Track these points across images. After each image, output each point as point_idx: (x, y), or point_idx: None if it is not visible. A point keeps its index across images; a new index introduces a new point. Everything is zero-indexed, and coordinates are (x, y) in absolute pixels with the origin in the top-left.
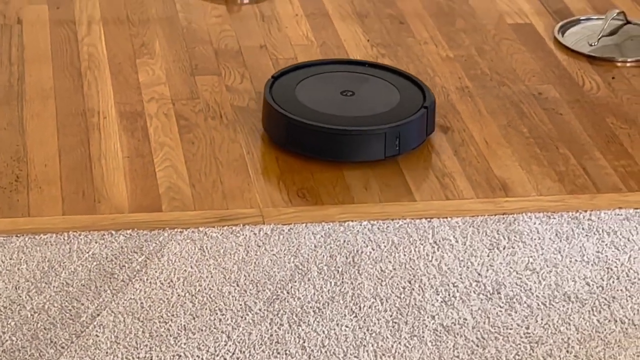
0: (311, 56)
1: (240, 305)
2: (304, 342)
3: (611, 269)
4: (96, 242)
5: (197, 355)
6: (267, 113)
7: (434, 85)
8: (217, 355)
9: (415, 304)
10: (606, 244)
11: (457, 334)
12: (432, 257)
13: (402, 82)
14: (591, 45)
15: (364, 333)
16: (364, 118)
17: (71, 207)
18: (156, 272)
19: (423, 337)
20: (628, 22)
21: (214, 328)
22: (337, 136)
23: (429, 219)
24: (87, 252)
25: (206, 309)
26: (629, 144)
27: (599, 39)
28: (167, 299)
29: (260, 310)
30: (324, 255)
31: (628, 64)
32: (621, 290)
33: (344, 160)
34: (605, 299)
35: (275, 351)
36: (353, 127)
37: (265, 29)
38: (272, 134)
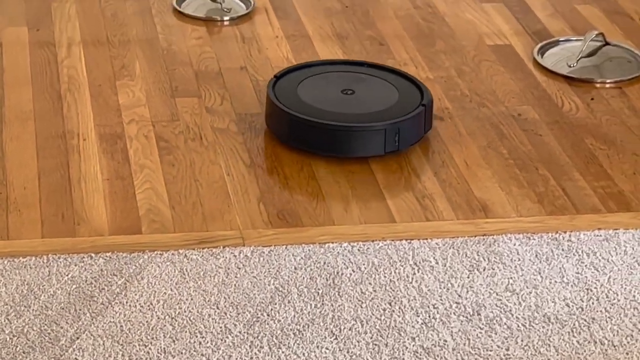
0: None
1: (220, 327)
2: None
3: (591, 290)
4: (75, 265)
5: None
6: (270, 111)
7: None
8: None
9: (396, 326)
10: (586, 265)
11: (438, 355)
12: (413, 278)
13: (401, 82)
14: (570, 66)
15: (344, 355)
16: (364, 115)
17: (50, 230)
18: (136, 294)
19: (403, 359)
20: (607, 44)
21: (194, 351)
22: (338, 132)
23: (409, 241)
24: (67, 275)
25: (186, 331)
26: (608, 165)
27: (578, 60)
28: (147, 321)
29: (240, 332)
30: (304, 277)
31: (607, 85)
32: (601, 311)
33: (345, 155)
34: (585, 320)
35: None
36: (354, 123)
37: (246, 51)
38: (275, 131)
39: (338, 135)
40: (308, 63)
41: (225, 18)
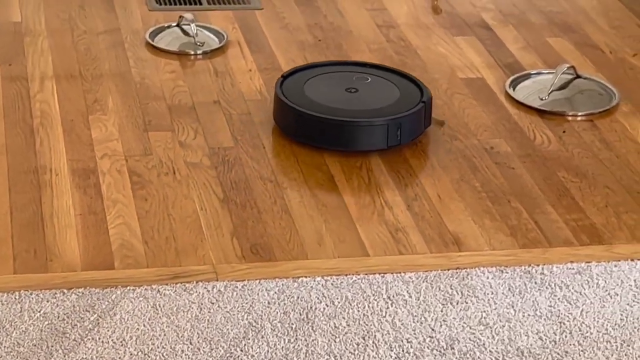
0: (265, 111)
1: None
2: None
3: (564, 323)
4: (48, 301)
5: None
6: (278, 108)
7: None
8: None
9: None
10: (558, 298)
11: None
12: (386, 312)
13: (401, 81)
14: (542, 99)
15: None
16: (368, 111)
17: (22, 265)
18: (108, 330)
19: None
20: (578, 77)
21: None
22: (344, 127)
23: (382, 274)
24: (39, 311)
25: None
26: (580, 198)
27: (550, 93)
28: (120, 358)
29: None
30: (277, 312)
31: (578, 118)
32: (574, 344)
33: (350, 149)
34: (558, 354)
35: None
36: (358, 118)
37: (219, 84)
38: (283, 127)
39: (344, 130)
40: (313, 64)
41: (199, 52)
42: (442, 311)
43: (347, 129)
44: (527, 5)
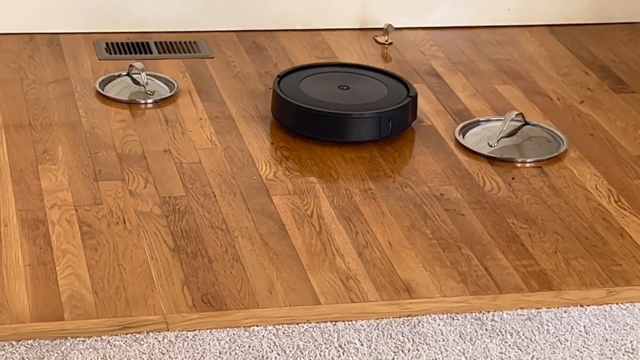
0: (215, 160)
1: None
2: None
3: None
4: None
5: None
6: (278, 104)
7: (338, 187)
8: None
9: None
10: (509, 345)
11: None
12: None
13: (388, 79)
14: (491, 146)
15: None
16: (360, 105)
17: None
18: None
19: None
20: (526, 123)
21: None
22: (339, 119)
23: (334, 322)
24: None
25: None
26: (530, 244)
27: (499, 140)
28: None
29: None
30: None
31: (527, 165)
32: None
33: (345, 140)
34: None
35: None
36: (352, 111)
37: (170, 133)
38: (282, 121)
39: (339, 122)
40: (306, 65)
41: (149, 101)
42: (393, 359)
43: (342, 121)
44: (475, 53)
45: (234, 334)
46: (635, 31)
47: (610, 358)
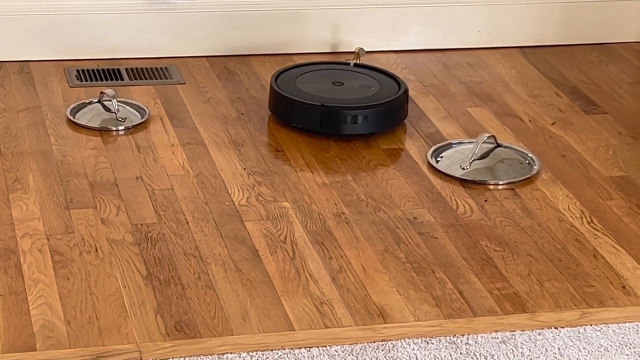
0: (188, 187)
1: None
2: None
3: None
4: None
5: None
6: (275, 99)
7: (311, 212)
8: None
9: None
10: None
11: None
12: None
13: (380, 76)
14: (464, 169)
15: None
16: (353, 100)
17: None
18: None
19: None
20: (499, 146)
21: None
22: (332, 113)
23: (308, 349)
24: None
25: None
26: (504, 267)
27: (471, 162)
28: None
29: None
30: None
31: (500, 187)
32: None
33: (338, 133)
34: None
35: None
36: (345, 105)
37: (142, 160)
38: (279, 115)
39: (332, 116)
40: (302, 64)
41: (121, 128)
42: None
43: (335, 115)
44: (447, 76)
45: None
46: (605, 52)
47: None
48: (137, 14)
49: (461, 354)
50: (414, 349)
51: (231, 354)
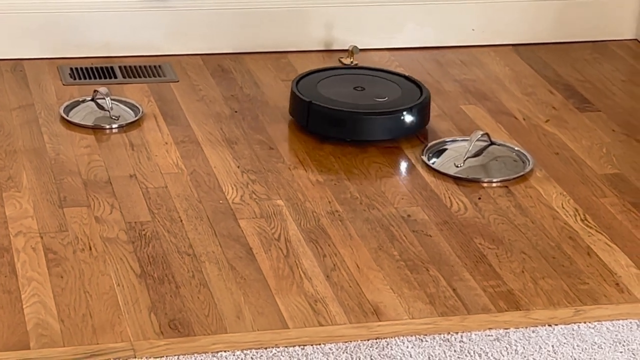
0: (181, 185)
1: None
2: None
3: None
4: None
5: None
6: (295, 104)
7: (305, 210)
8: None
9: None
10: None
11: None
12: None
13: (402, 81)
14: (457, 166)
15: None
16: (374, 105)
17: None
18: None
19: None
20: (492, 143)
21: None
22: (353, 118)
23: (302, 346)
24: None
25: None
26: (497, 264)
27: (465, 160)
28: None
29: None
30: None
31: (494, 185)
32: None
33: (358, 138)
34: None
35: None
36: (366, 110)
37: (135, 158)
38: (298, 120)
39: (353, 121)
40: (323, 68)
41: (114, 126)
42: None
43: (356, 120)
44: (440, 73)
45: (201, 359)
46: (598, 50)
47: None
48: (131, 11)
49: (455, 351)
50: (407, 347)
51: (225, 351)
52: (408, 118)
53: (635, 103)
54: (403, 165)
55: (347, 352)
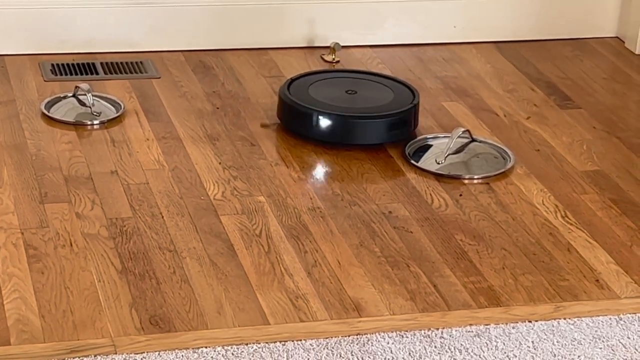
0: (163, 181)
1: None
2: None
3: None
4: None
5: None
6: (285, 108)
7: (286, 206)
8: None
9: None
10: None
11: None
12: None
13: (394, 84)
14: (439, 163)
15: None
16: (366, 109)
17: None
18: None
19: None
20: (473, 140)
21: None
22: (345, 122)
23: (283, 342)
24: None
25: None
26: (478, 260)
27: (446, 157)
28: None
29: None
30: None
31: (475, 181)
32: None
33: (350, 143)
34: None
35: None
36: (358, 114)
37: (116, 154)
38: (289, 125)
39: (344, 125)
40: (315, 71)
41: (95, 122)
42: None
43: (347, 124)
44: (422, 70)
45: (182, 355)
46: (579, 47)
47: None
48: (112, 7)
49: (435, 347)
50: (388, 343)
51: (206, 347)
52: (402, 124)
53: (616, 100)
54: (384, 162)
55: (327, 348)
